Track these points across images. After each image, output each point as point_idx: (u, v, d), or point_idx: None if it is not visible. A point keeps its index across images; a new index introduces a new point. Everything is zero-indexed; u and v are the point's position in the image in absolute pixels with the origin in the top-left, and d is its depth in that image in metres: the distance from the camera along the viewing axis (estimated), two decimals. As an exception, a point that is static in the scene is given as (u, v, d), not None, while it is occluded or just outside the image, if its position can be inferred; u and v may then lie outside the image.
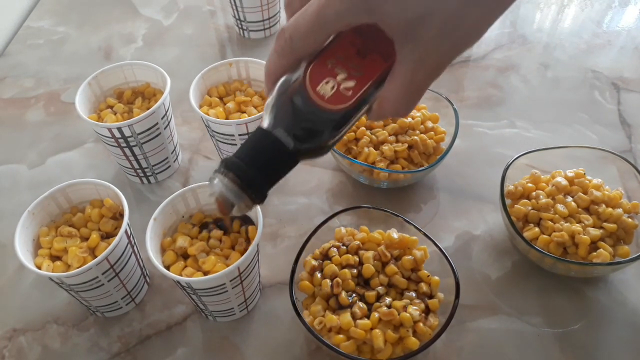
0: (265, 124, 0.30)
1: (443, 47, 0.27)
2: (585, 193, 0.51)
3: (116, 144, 0.55)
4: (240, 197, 0.30)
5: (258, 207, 0.44)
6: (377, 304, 0.45)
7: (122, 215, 0.48)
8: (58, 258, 0.46)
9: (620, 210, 0.49)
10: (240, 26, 0.80)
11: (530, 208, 0.51)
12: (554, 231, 0.49)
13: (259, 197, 0.30)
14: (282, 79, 0.30)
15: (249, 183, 0.29)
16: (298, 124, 0.29)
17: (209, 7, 0.88)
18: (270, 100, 0.30)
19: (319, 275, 0.46)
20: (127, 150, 0.56)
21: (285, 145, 0.29)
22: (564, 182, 0.52)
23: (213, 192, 0.30)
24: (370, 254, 0.47)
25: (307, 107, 0.29)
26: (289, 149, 0.29)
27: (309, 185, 0.61)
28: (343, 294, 0.45)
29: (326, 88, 0.29)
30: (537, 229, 0.50)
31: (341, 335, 0.43)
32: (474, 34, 0.27)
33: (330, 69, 0.29)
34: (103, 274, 0.44)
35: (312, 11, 0.27)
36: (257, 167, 0.29)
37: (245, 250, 0.45)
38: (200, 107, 0.57)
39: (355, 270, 0.46)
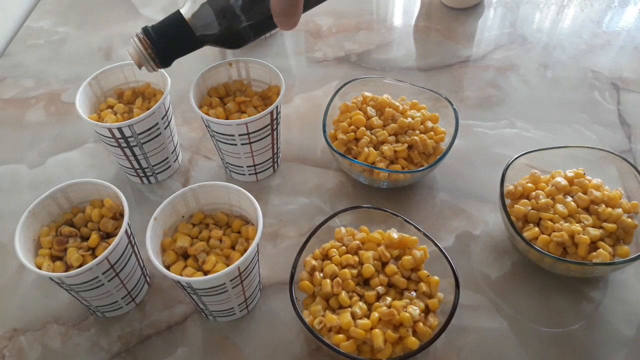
0: (183, 6, 0.37)
1: None
2: (585, 193, 0.51)
3: (116, 144, 0.55)
4: (145, 59, 0.38)
5: (258, 207, 0.45)
6: (377, 304, 0.45)
7: (122, 215, 0.48)
8: (58, 258, 0.46)
9: (619, 210, 0.49)
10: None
11: (529, 208, 0.51)
12: (554, 231, 0.49)
13: (163, 63, 0.39)
14: None
15: (155, 50, 0.38)
16: (198, 3, 0.36)
17: (209, 8, 0.88)
18: None
19: (319, 275, 0.46)
20: (127, 151, 0.56)
21: (188, 24, 0.37)
22: (564, 182, 0.52)
23: (129, 50, 0.39)
24: (370, 254, 0.47)
25: None
26: (191, 28, 0.37)
27: (309, 185, 0.61)
28: (343, 293, 0.45)
29: None
30: (536, 228, 0.50)
31: (341, 335, 0.43)
32: None
33: None
34: (103, 273, 0.44)
35: None
36: (165, 39, 0.38)
37: (245, 250, 0.45)
38: (200, 107, 0.57)
39: (355, 270, 0.46)
